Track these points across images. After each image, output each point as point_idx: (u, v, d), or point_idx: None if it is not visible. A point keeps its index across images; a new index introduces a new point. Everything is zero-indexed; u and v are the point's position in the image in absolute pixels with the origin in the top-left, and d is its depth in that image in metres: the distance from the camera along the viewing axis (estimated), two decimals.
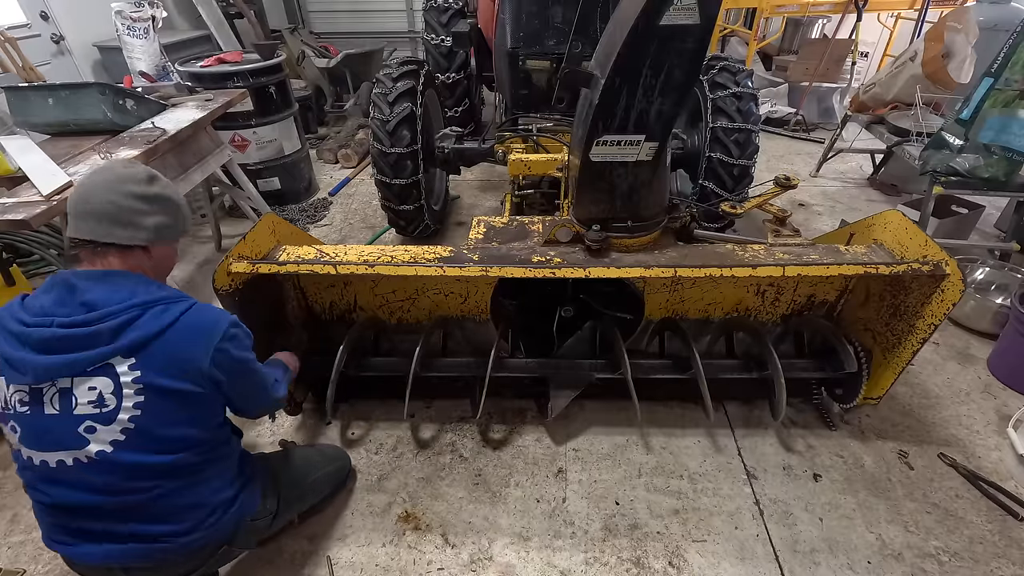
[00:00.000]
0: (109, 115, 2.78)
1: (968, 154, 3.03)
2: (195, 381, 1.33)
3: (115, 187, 1.32)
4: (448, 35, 4.55)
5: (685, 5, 1.52)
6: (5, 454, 2.34)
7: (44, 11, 4.51)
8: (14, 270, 2.38)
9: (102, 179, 1.34)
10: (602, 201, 2.07)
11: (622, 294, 2.45)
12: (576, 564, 1.91)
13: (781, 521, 2.03)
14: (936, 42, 3.64)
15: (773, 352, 2.15)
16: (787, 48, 7.15)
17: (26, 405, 1.26)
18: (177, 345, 1.30)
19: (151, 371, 1.27)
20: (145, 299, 1.29)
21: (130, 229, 1.33)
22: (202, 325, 1.35)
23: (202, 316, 1.36)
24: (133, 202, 1.33)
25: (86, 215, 1.30)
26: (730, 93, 3.01)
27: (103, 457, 1.27)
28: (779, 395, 2.11)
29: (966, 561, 1.90)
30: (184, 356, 1.31)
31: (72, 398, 1.25)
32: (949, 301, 1.91)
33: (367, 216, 4.35)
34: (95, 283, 1.28)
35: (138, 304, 1.28)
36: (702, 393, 2.14)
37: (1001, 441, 2.32)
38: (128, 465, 1.30)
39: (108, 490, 1.31)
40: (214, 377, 1.36)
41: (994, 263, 3.26)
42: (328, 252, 2.09)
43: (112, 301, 1.26)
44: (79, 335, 1.23)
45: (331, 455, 2.10)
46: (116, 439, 1.27)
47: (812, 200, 4.52)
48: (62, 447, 1.27)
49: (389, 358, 2.46)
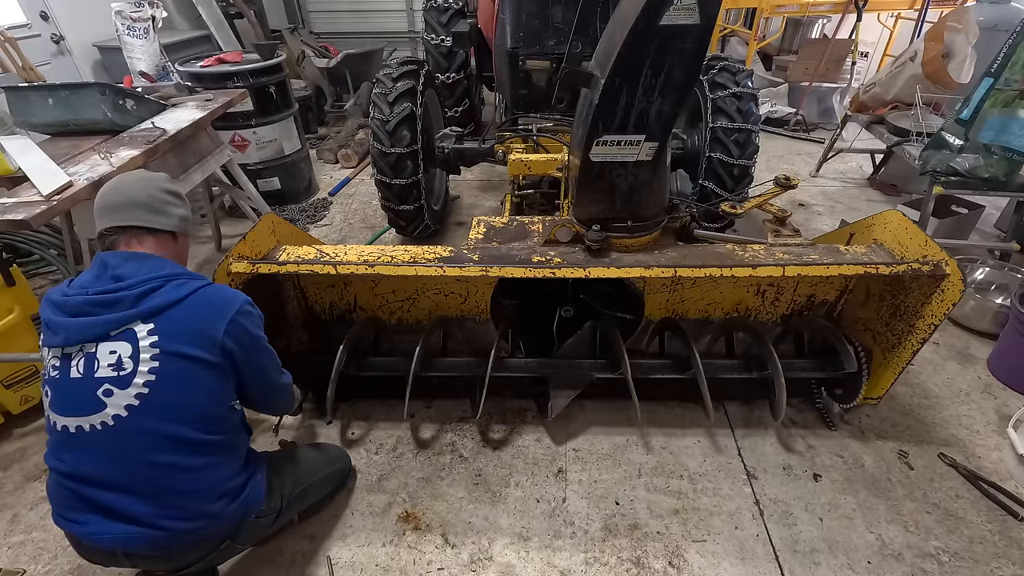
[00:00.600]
0: (109, 115, 2.78)
1: (968, 154, 3.02)
2: (210, 350, 1.41)
3: (148, 182, 1.53)
4: (448, 35, 4.54)
5: (685, 5, 1.52)
6: (5, 454, 2.34)
7: (44, 11, 4.51)
8: (14, 270, 2.38)
9: (133, 177, 1.55)
10: (602, 201, 2.07)
11: (622, 294, 2.45)
12: (576, 564, 1.91)
13: (781, 521, 2.03)
14: (936, 42, 3.64)
15: (773, 352, 2.15)
16: (787, 48, 7.15)
17: (57, 369, 1.37)
18: (194, 313, 1.41)
19: (168, 336, 1.37)
20: (169, 272, 1.43)
21: (163, 216, 1.51)
22: (219, 298, 1.47)
23: (220, 291, 1.50)
24: (163, 195, 1.53)
25: (124, 205, 1.46)
26: (730, 93, 3.01)
27: (118, 421, 1.34)
28: (779, 395, 2.11)
29: (966, 561, 1.90)
30: (200, 324, 1.41)
31: (95, 361, 1.34)
32: (949, 301, 1.91)
33: (367, 216, 4.35)
34: (125, 260, 1.43)
35: (161, 276, 1.41)
36: (702, 393, 2.14)
37: (1001, 441, 2.32)
38: (141, 432, 1.35)
39: (120, 458, 1.35)
40: (228, 348, 1.44)
41: (994, 263, 3.26)
42: (328, 252, 2.09)
43: (139, 274, 1.40)
44: (105, 300, 1.36)
45: (332, 455, 2.11)
46: (131, 403, 1.34)
47: (812, 200, 4.52)
48: (81, 411, 1.35)
49: (389, 358, 2.46)
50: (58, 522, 1.44)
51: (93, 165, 2.47)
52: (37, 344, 2.49)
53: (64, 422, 1.36)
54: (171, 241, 1.54)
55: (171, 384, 1.36)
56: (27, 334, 2.45)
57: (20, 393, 2.43)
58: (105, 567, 1.64)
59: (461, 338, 2.51)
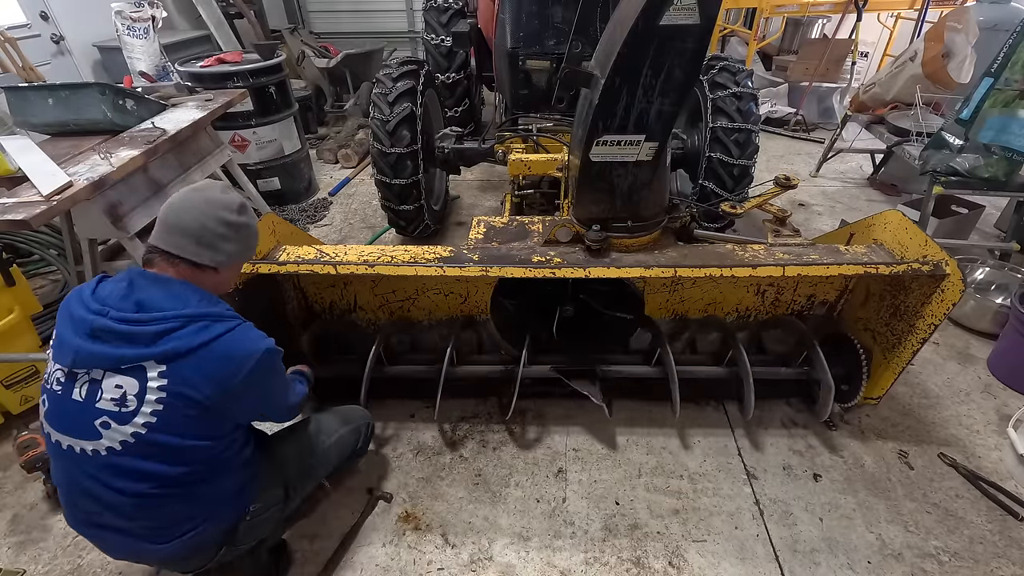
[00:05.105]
0: (109, 115, 2.78)
1: (968, 154, 3.02)
2: (218, 400, 1.35)
3: (208, 211, 1.39)
4: (448, 35, 4.54)
5: (685, 5, 1.52)
6: (5, 454, 2.34)
7: (44, 11, 4.51)
8: (14, 270, 2.38)
9: (199, 199, 1.40)
10: (602, 201, 2.07)
11: (622, 294, 2.45)
12: (576, 564, 1.91)
13: (781, 521, 2.03)
14: (936, 42, 3.64)
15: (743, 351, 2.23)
16: (787, 48, 7.15)
17: (61, 385, 1.32)
18: (211, 364, 1.32)
19: (178, 382, 1.29)
20: (193, 312, 1.32)
21: (210, 251, 1.39)
22: (240, 350, 1.37)
23: (242, 340, 1.38)
24: (220, 227, 1.40)
25: (175, 229, 1.37)
26: (730, 93, 3.00)
27: (111, 453, 1.31)
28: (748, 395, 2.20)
29: (966, 561, 1.90)
30: (215, 376, 1.33)
31: (99, 390, 1.29)
32: (949, 301, 1.91)
33: (367, 216, 4.35)
34: (152, 285, 1.34)
35: (184, 315, 1.31)
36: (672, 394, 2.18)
37: (1001, 441, 2.32)
38: (130, 468, 1.32)
39: (105, 485, 1.34)
40: (239, 396, 1.38)
41: (994, 263, 3.26)
42: (328, 252, 2.09)
43: (162, 306, 1.31)
44: (122, 331, 1.27)
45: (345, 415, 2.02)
46: (126, 440, 1.30)
47: (812, 200, 4.52)
48: (77, 435, 1.32)
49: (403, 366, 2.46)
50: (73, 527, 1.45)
51: (93, 165, 2.47)
52: (37, 344, 2.51)
53: (58, 437, 1.34)
54: (212, 274, 1.43)
55: (170, 427, 1.31)
56: (27, 334, 2.45)
57: (20, 393, 2.43)
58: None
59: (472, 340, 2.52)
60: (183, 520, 1.42)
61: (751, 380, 2.17)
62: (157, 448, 1.32)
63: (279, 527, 1.82)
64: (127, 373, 1.28)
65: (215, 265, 1.42)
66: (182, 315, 1.31)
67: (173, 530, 1.41)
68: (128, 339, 1.27)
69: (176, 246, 1.37)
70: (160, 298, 1.32)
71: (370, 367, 2.22)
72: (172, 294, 1.34)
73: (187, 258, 1.38)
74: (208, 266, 1.41)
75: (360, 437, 2.03)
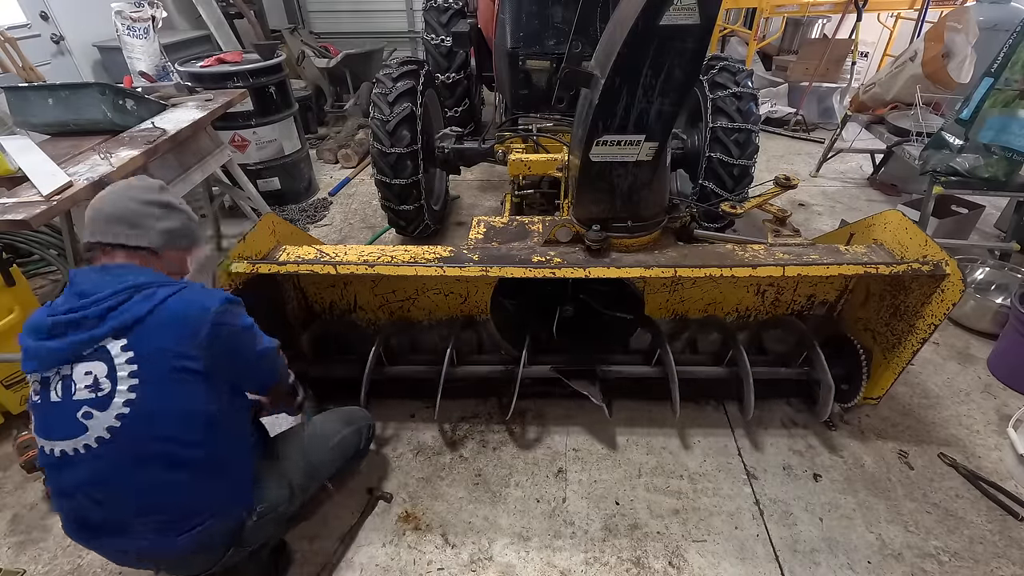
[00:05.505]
0: (109, 115, 2.78)
1: (968, 154, 3.02)
2: (193, 359, 1.34)
3: (128, 194, 1.44)
4: (448, 35, 4.54)
5: (685, 5, 1.52)
6: (5, 454, 2.34)
7: (44, 11, 4.51)
8: (14, 270, 2.38)
9: (119, 187, 1.47)
10: (602, 201, 2.07)
11: (622, 294, 2.45)
12: (576, 564, 1.91)
13: (781, 521, 2.03)
14: (936, 42, 3.64)
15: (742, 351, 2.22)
16: (787, 48, 7.15)
17: (39, 394, 1.33)
18: (169, 322, 1.33)
19: (144, 350, 1.30)
20: (134, 282, 1.34)
21: (139, 230, 1.42)
22: (194, 302, 1.38)
23: (193, 294, 1.39)
24: (145, 207, 1.44)
25: (103, 219, 1.40)
26: (730, 93, 3.01)
27: (101, 444, 1.30)
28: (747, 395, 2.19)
29: (966, 561, 1.90)
30: (178, 333, 1.33)
31: (71, 384, 1.30)
32: (949, 301, 1.91)
33: (367, 216, 4.35)
34: (91, 273, 1.37)
35: (127, 287, 1.33)
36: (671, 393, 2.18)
37: (1001, 441, 2.32)
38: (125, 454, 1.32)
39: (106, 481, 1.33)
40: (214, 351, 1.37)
41: (994, 263, 3.26)
42: (328, 252, 2.09)
43: (101, 288, 1.32)
44: (69, 320, 1.30)
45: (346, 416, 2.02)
46: (113, 425, 1.30)
47: (812, 200, 4.52)
48: (63, 435, 1.31)
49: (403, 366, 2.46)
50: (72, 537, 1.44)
51: (93, 165, 2.47)
52: None
53: (50, 446, 1.33)
54: (152, 258, 1.44)
55: (153, 401, 1.31)
56: None
57: (20, 393, 2.43)
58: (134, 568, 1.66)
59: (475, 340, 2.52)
60: (189, 513, 1.41)
61: (751, 380, 2.17)
62: (146, 425, 1.31)
63: (281, 528, 1.82)
64: (91, 358, 1.29)
65: (151, 246, 1.44)
66: (126, 287, 1.32)
67: (181, 524, 1.39)
68: (77, 325, 1.29)
69: (108, 233, 1.40)
70: (100, 282, 1.34)
71: (370, 367, 2.22)
72: (112, 275, 1.36)
73: (122, 243, 1.41)
74: (144, 247, 1.43)
75: (362, 438, 2.03)
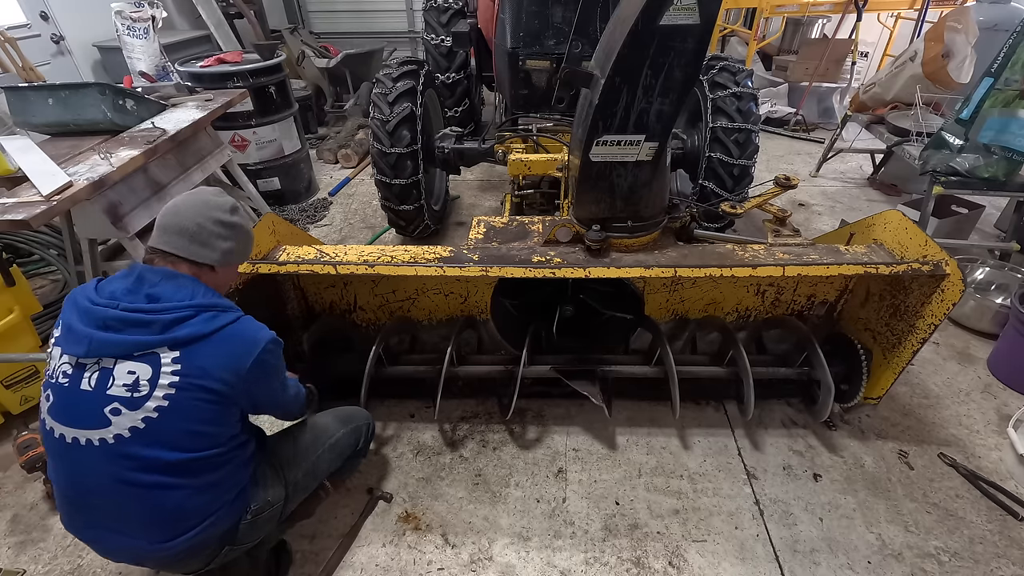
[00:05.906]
0: (109, 115, 2.78)
1: (968, 154, 3.03)
2: (228, 385, 1.40)
3: (204, 211, 1.49)
4: (448, 35, 4.54)
5: (685, 5, 1.52)
6: (5, 454, 2.34)
7: (44, 11, 4.51)
8: (14, 270, 2.38)
9: (193, 201, 1.51)
10: (602, 201, 2.07)
11: (622, 294, 2.45)
12: (576, 564, 1.91)
13: (781, 521, 2.04)
14: (936, 42, 3.64)
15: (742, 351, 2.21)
16: (787, 48, 7.15)
17: (68, 377, 1.34)
18: (221, 349, 1.40)
19: (191, 368, 1.35)
20: (202, 302, 1.41)
21: (206, 249, 1.48)
22: (247, 336, 1.46)
23: (247, 328, 1.48)
24: (214, 226, 1.49)
25: (173, 230, 1.46)
26: (730, 93, 3.00)
27: (118, 441, 1.32)
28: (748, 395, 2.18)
29: (966, 561, 1.90)
30: (225, 361, 1.40)
31: (110, 378, 1.32)
32: (949, 301, 1.91)
33: (367, 216, 4.35)
34: (163, 279, 1.42)
35: (194, 305, 1.40)
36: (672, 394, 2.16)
37: (1001, 441, 2.32)
38: (132, 455, 1.33)
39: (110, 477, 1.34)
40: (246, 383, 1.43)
41: (994, 263, 3.26)
42: (328, 252, 2.09)
43: (174, 298, 1.39)
44: (137, 319, 1.34)
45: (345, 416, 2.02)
46: (135, 426, 1.32)
47: (812, 200, 4.52)
48: (84, 425, 1.33)
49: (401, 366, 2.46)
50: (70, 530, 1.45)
51: (93, 165, 2.47)
52: (37, 344, 2.51)
53: (61, 430, 1.34)
54: (209, 272, 1.51)
55: (180, 413, 1.35)
56: (27, 334, 2.45)
57: (20, 393, 2.43)
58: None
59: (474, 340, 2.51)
60: (186, 518, 1.42)
61: (751, 380, 2.17)
62: (165, 434, 1.35)
63: (279, 527, 1.81)
64: (140, 359, 1.33)
65: (212, 263, 1.50)
66: (192, 304, 1.39)
67: (177, 527, 1.41)
68: (143, 326, 1.33)
69: (175, 246, 1.45)
70: (170, 290, 1.40)
71: (370, 367, 2.22)
72: (180, 287, 1.42)
73: (186, 257, 1.46)
74: (205, 264, 1.49)
75: (360, 438, 2.03)
